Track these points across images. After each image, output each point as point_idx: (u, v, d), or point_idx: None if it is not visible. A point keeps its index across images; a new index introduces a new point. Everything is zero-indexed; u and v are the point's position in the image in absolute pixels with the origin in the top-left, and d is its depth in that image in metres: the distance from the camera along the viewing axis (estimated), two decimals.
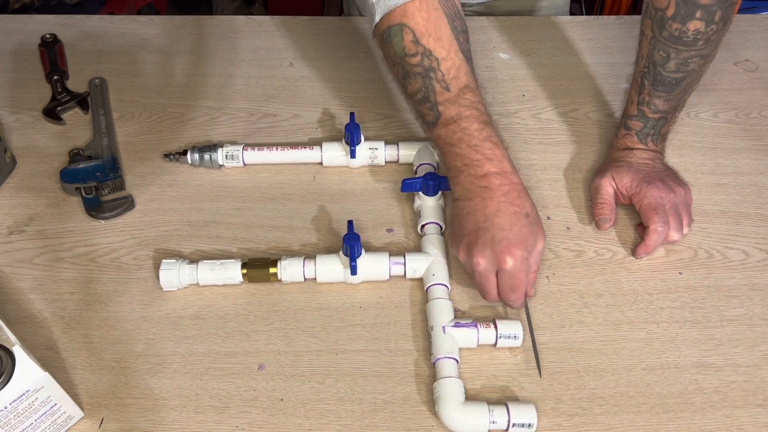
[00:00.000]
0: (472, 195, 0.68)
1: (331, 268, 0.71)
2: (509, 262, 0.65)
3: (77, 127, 0.88)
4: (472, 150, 0.69)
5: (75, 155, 0.82)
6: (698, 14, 0.69)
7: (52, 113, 0.88)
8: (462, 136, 0.69)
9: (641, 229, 0.76)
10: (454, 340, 0.65)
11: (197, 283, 0.71)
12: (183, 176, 0.83)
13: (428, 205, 0.76)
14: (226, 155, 0.82)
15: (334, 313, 0.70)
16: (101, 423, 0.62)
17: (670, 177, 0.78)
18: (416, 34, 0.69)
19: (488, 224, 0.66)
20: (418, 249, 0.74)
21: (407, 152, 0.83)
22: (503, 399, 0.64)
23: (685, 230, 0.76)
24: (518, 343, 0.66)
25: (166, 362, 0.66)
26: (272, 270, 0.71)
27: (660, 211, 0.74)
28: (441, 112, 0.70)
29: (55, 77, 0.92)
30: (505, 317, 0.69)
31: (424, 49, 0.69)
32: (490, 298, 0.68)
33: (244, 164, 0.83)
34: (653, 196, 0.75)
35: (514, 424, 0.61)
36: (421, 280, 0.72)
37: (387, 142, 0.83)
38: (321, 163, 0.83)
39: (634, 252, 0.75)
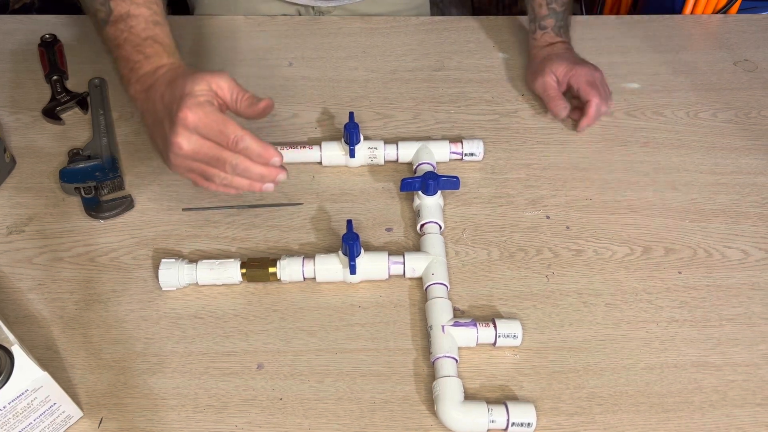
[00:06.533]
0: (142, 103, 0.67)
1: (330, 267, 0.71)
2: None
3: (77, 127, 0.88)
4: (135, 51, 0.68)
5: (74, 155, 0.82)
6: None
7: (51, 113, 0.88)
8: (128, 36, 0.68)
9: (577, 113, 0.87)
10: (453, 339, 0.65)
11: (196, 283, 0.71)
12: None
13: (427, 204, 0.76)
14: None
15: (333, 313, 0.70)
16: (100, 422, 0.62)
17: (586, 61, 0.90)
18: None
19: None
20: (417, 248, 0.74)
21: (406, 152, 0.83)
22: (502, 398, 0.64)
23: (611, 103, 0.87)
24: (518, 342, 0.66)
25: (165, 362, 0.66)
26: (271, 269, 0.71)
27: (595, 86, 0.85)
28: (113, 8, 0.69)
29: (55, 77, 0.92)
30: (505, 317, 0.69)
31: None
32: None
33: None
34: (587, 74, 0.86)
35: (513, 424, 0.61)
36: (420, 279, 0.72)
37: (386, 142, 0.83)
38: (320, 163, 0.83)
39: (576, 127, 0.86)
